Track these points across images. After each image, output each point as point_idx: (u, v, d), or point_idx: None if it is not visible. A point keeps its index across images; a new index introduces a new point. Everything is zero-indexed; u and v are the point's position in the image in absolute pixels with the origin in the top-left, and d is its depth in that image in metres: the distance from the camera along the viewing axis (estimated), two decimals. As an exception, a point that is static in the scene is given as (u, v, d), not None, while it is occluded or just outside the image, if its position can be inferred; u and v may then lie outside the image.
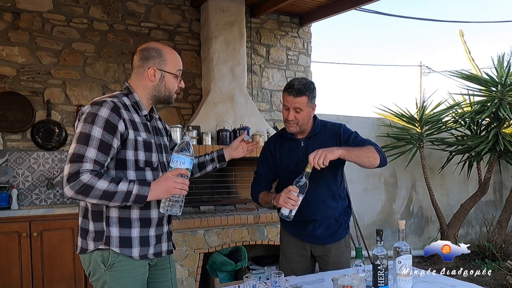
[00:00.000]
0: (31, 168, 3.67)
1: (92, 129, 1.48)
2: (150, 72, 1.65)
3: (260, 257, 4.18)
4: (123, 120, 1.55)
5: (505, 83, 4.66)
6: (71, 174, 1.45)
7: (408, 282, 1.57)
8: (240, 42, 4.18)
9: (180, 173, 1.54)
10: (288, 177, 2.12)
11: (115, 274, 1.57)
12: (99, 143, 1.48)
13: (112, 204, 1.50)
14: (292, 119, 2.04)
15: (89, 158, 1.46)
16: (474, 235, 5.81)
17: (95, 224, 1.58)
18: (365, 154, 1.95)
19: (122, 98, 1.62)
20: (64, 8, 3.81)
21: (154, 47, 1.68)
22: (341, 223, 2.21)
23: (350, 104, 21.80)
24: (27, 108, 3.63)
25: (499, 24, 23.55)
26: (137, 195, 1.49)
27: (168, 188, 1.51)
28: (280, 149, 2.21)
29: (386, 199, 5.48)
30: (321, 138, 2.14)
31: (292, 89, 2.01)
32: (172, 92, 1.72)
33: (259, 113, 4.26)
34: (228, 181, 4.33)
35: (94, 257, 1.57)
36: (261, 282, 1.76)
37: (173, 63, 1.70)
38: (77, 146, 1.48)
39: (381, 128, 5.45)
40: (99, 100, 1.56)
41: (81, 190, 1.44)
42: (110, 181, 1.47)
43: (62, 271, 3.25)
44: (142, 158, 1.61)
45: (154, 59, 1.65)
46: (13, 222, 3.13)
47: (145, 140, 1.62)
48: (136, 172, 1.60)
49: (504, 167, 6.08)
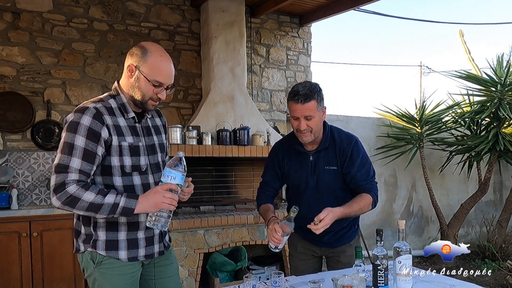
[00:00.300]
0: (31, 168, 3.67)
1: (75, 138, 1.46)
2: (129, 68, 1.58)
3: (260, 257, 4.18)
4: (106, 126, 1.52)
5: (504, 83, 4.67)
6: (57, 185, 1.45)
7: (408, 282, 1.57)
8: (240, 42, 4.18)
9: (170, 188, 1.51)
10: (296, 191, 2.12)
11: (103, 272, 1.60)
12: (83, 152, 1.47)
13: (99, 216, 1.49)
14: (305, 128, 1.90)
15: (73, 168, 1.46)
16: (474, 235, 5.81)
17: (85, 228, 1.61)
18: (359, 211, 1.98)
19: (108, 101, 1.58)
20: (64, 8, 3.81)
21: (144, 46, 1.58)
22: (350, 226, 2.17)
23: (350, 104, 21.80)
24: (27, 108, 3.63)
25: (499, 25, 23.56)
26: (124, 208, 1.48)
27: (157, 203, 1.49)
28: (288, 162, 2.11)
29: (386, 199, 5.48)
30: (330, 153, 2.04)
31: (298, 96, 1.86)
32: (146, 97, 1.58)
33: (259, 113, 4.26)
34: (228, 181, 4.33)
35: (85, 256, 1.62)
36: (261, 282, 1.76)
37: (154, 69, 1.55)
38: (61, 156, 1.47)
39: (381, 128, 5.45)
40: (82, 107, 1.52)
41: (68, 201, 1.44)
42: (97, 192, 1.46)
43: (62, 271, 3.25)
44: (128, 163, 1.58)
45: (136, 57, 1.56)
46: (13, 222, 3.14)
47: (131, 145, 1.59)
48: (123, 178, 1.58)
49: (504, 167, 6.08)
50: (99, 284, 1.62)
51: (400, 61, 27.51)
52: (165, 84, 1.58)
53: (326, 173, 2.04)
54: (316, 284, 1.52)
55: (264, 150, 3.91)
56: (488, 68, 4.96)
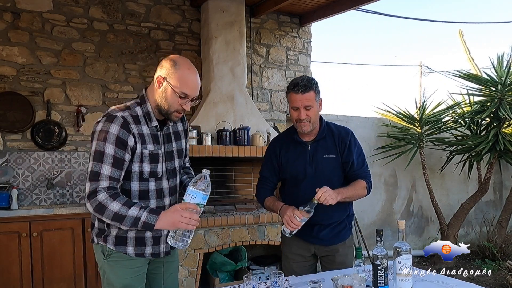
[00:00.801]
0: (31, 168, 3.67)
1: (105, 146, 1.56)
2: (158, 79, 1.64)
3: (260, 257, 4.18)
4: (132, 134, 1.61)
5: (505, 83, 4.66)
6: (90, 191, 1.57)
7: (408, 282, 1.57)
8: (240, 42, 4.18)
9: (188, 207, 1.54)
10: (294, 182, 2.14)
11: (112, 264, 1.70)
12: (113, 160, 1.56)
13: (123, 227, 1.57)
14: (305, 117, 2.00)
15: (104, 175, 1.56)
16: (474, 235, 5.81)
17: (99, 223, 1.71)
18: (356, 195, 2.09)
19: (135, 109, 1.66)
20: (64, 8, 3.81)
21: (173, 59, 1.65)
22: (345, 224, 2.22)
23: (350, 104, 21.79)
24: (27, 108, 3.63)
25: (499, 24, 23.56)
26: (145, 222, 1.54)
27: (174, 222, 1.53)
28: (286, 153, 2.17)
29: (386, 199, 5.47)
30: (328, 142, 2.13)
31: (298, 86, 1.98)
32: (171, 108, 1.65)
33: (259, 113, 4.26)
34: (228, 181, 4.33)
35: (98, 248, 1.73)
36: (261, 282, 1.76)
37: (181, 81, 1.61)
38: (93, 164, 1.58)
39: (381, 128, 5.45)
40: (110, 115, 1.61)
41: (97, 209, 1.55)
42: (123, 203, 1.54)
43: (62, 271, 3.25)
44: (147, 170, 1.67)
45: (166, 69, 1.63)
46: (13, 222, 3.13)
47: (151, 152, 1.67)
48: (140, 183, 1.68)
49: (504, 167, 6.08)
50: (108, 276, 1.72)
51: (400, 61, 27.50)
52: (191, 96, 1.65)
53: (325, 162, 2.09)
54: (316, 284, 1.52)
55: (264, 150, 3.89)
56: (488, 68, 4.96)
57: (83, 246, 3.31)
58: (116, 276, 1.70)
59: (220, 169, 4.24)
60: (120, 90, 4.02)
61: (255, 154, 3.90)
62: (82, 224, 3.31)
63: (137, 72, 4.10)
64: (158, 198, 1.73)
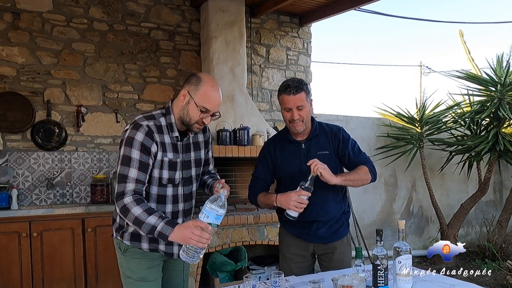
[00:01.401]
0: (31, 168, 3.67)
1: (131, 152, 1.70)
2: (183, 93, 1.79)
3: (260, 257, 4.18)
4: (156, 143, 1.75)
5: (504, 83, 4.66)
6: (118, 193, 1.69)
7: (408, 282, 1.57)
8: (240, 42, 4.18)
9: (200, 225, 1.58)
10: (290, 180, 2.15)
11: (128, 258, 1.85)
12: (139, 164, 1.70)
13: (142, 232, 1.67)
14: (298, 117, 2.07)
15: (131, 178, 1.69)
16: (474, 235, 5.81)
17: (120, 219, 1.85)
18: (359, 179, 2.10)
19: (159, 119, 1.80)
20: (64, 8, 3.81)
21: (199, 76, 1.80)
22: (342, 221, 2.25)
23: (351, 104, 21.78)
24: (27, 108, 3.63)
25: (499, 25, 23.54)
26: (160, 232, 1.62)
27: (185, 237, 1.59)
28: (280, 152, 2.22)
29: (386, 199, 5.47)
30: (321, 139, 2.19)
31: (289, 88, 2.08)
32: (192, 121, 1.78)
33: (259, 113, 4.26)
34: (228, 181, 4.28)
35: (116, 242, 1.90)
36: (261, 282, 1.76)
37: (204, 97, 1.75)
38: (121, 167, 1.71)
39: (381, 128, 5.45)
40: (137, 123, 1.75)
41: (122, 210, 1.67)
42: (144, 210, 1.65)
43: (62, 271, 3.25)
44: (166, 176, 1.81)
45: (191, 84, 1.78)
46: (13, 222, 3.13)
47: (171, 160, 1.81)
48: (158, 188, 1.82)
49: (504, 167, 6.08)
50: (125, 269, 1.87)
51: (400, 61, 27.50)
52: (211, 111, 1.79)
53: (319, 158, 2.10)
54: (316, 284, 1.52)
55: (264, 150, 3.90)
56: (488, 68, 4.96)
57: (83, 246, 3.31)
58: (133, 269, 1.84)
59: (220, 169, 4.19)
60: (120, 90, 4.02)
61: (255, 154, 3.89)
62: (82, 224, 3.30)
63: (137, 72, 4.10)
64: (174, 203, 1.87)
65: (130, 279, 1.86)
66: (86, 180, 3.85)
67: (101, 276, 3.37)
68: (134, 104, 4.08)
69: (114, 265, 3.28)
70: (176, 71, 4.26)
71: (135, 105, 4.09)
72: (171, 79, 4.23)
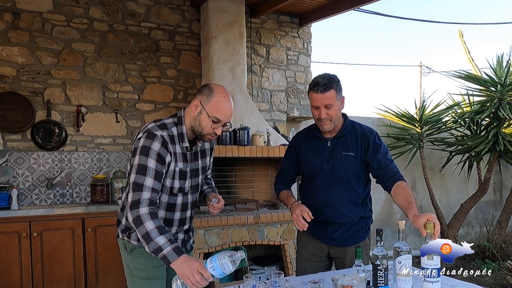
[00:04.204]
0: (31, 168, 3.67)
1: (148, 161, 1.70)
2: (195, 103, 1.79)
3: (260, 257, 4.18)
4: (170, 153, 1.76)
5: (504, 83, 4.66)
6: (133, 202, 1.67)
7: (408, 282, 1.56)
8: (240, 42, 4.18)
9: (204, 273, 1.56)
10: (311, 176, 2.14)
11: (135, 258, 1.86)
12: (154, 173, 1.70)
13: (147, 248, 1.64)
14: (325, 117, 2.00)
15: (147, 187, 1.69)
16: (474, 235, 5.81)
17: (126, 221, 1.85)
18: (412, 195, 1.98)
19: (171, 129, 1.80)
20: (64, 8, 3.81)
21: (211, 86, 1.80)
22: (362, 226, 2.18)
23: (350, 104, 21.77)
24: (27, 108, 3.63)
25: (499, 25, 23.55)
26: (164, 256, 1.61)
27: (184, 274, 1.58)
28: (305, 147, 2.18)
29: (386, 199, 5.47)
30: (349, 139, 2.10)
31: (318, 86, 1.97)
32: (204, 131, 1.79)
33: (259, 113, 4.26)
34: (228, 181, 4.33)
35: (121, 242, 1.91)
36: (261, 282, 1.76)
37: (215, 108, 1.76)
38: (136, 176, 1.70)
39: (381, 128, 5.44)
40: (151, 133, 1.74)
41: (136, 220, 1.65)
42: (157, 226, 1.63)
43: (62, 271, 3.25)
44: (177, 186, 1.83)
45: (203, 95, 1.78)
46: (13, 222, 3.13)
47: (181, 170, 1.82)
48: (169, 196, 1.84)
49: (504, 167, 6.07)
50: (131, 269, 1.89)
51: (400, 61, 27.49)
52: (223, 121, 1.79)
53: (343, 159, 2.08)
54: (316, 284, 1.52)
55: (264, 150, 3.91)
56: (488, 68, 4.95)
57: (83, 246, 3.31)
58: (139, 268, 1.86)
59: (220, 169, 4.23)
60: (120, 90, 4.02)
61: (255, 154, 3.89)
62: (82, 224, 3.30)
63: (137, 72, 4.09)
64: (182, 211, 1.90)
65: (137, 278, 1.88)
66: (86, 180, 3.85)
67: (101, 276, 3.37)
68: (134, 104, 4.08)
69: (114, 265, 3.30)
70: (176, 71, 4.26)
71: (135, 105, 4.08)
72: (171, 79, 4.23)
